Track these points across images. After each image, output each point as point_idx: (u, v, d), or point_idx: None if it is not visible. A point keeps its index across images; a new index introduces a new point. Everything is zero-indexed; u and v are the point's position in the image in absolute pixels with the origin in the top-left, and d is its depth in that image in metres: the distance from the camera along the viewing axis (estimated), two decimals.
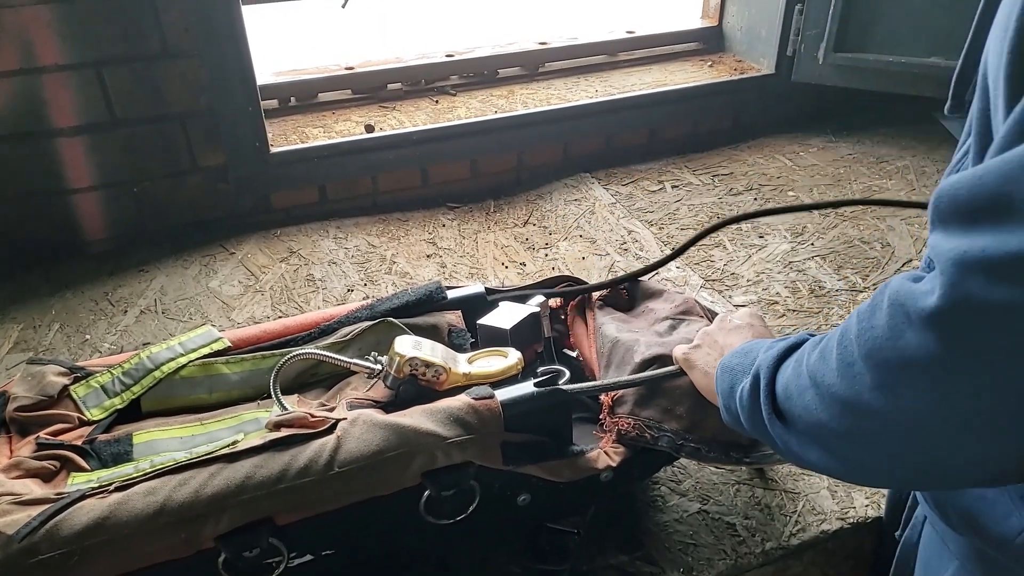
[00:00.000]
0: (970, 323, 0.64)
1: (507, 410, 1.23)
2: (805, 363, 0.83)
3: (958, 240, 0.65)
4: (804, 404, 0.82)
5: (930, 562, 1.08)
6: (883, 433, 0.73)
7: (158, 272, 2.17)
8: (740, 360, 1.00)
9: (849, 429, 0.76)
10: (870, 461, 0.78)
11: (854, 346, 0.74)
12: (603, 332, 1.53)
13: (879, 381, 0.71)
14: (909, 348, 0.68)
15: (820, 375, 0.79)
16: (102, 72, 2.04)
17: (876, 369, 0.71)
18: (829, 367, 0.77)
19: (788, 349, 0.90)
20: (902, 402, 0.70)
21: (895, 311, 0.69)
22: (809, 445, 0.84)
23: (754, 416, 0.92)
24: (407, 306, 1.56)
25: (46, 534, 1.05)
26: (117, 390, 1.40)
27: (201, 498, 1.09)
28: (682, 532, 1.45)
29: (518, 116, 2.56)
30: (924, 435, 0.71)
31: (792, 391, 0.85)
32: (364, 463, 1.15)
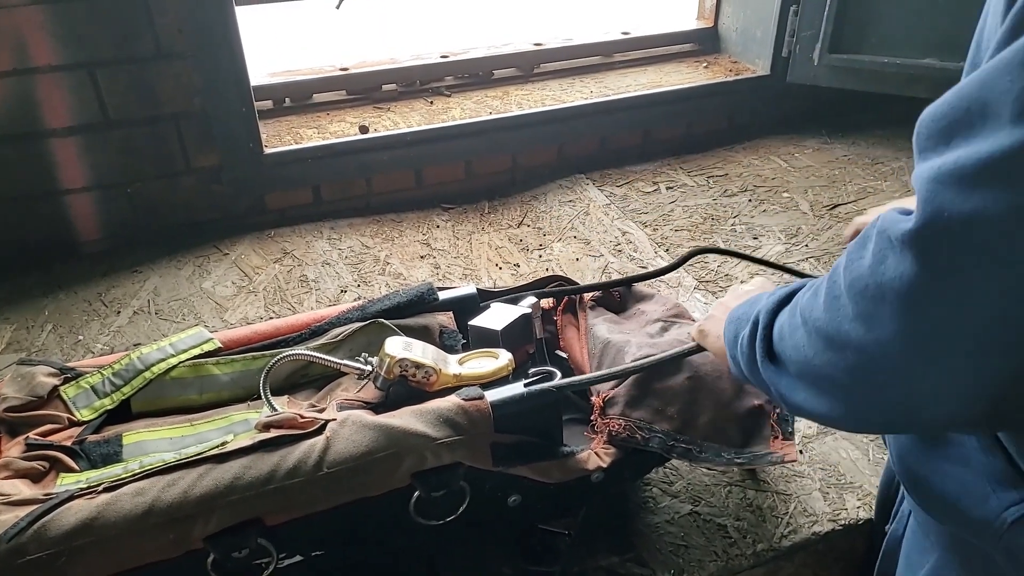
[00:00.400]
0: (944, 240, 0.63)
1: (497, 411, 1.23)
2: (799, 302, 0.83)
3: (933, 159, 0.65)
4: (794, 343, 0.82)
5: (911, 554, 1.09)
6: (860, 367, 0.72)
7: (151, 273, 2.17)
8: (745, 310, 0.98)
9: (831, 363, 0.75)
10: (850, 400, 0.77)
11: (841, 279, 0.74)
12: (594, 333, 1.53)
13: (859, 310, 0.71)
14: (888, 272, 0.67)
15: (809, 312, 0.79)
16: (95, 73, 2.04)
17: (857, 298, 0.71)
18: (818, 303, 0.77)
19: (789, 294, 0.89)
20: (879, 332, 0.69)
21: (880, 239, 0.69)
22: (797, 387, 0.84)
23: (751, 362, 0.92)
24: (398, 307, 1.56)
25: (34, 535, 1.05)
26: (107, 391, 1.40)
27: (190, 499, 1.09)
28: (673, 534, 1.45)
29: (513, 117, 2.56)
30: (899, 367, 0.70)
31: (785, 332, 0.84)
32: (353, 464, 1.15)
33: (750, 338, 0.92)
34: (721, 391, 1.37)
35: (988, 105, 0.61)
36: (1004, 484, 0.83)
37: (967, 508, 0.88)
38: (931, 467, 0.92)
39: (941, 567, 1.00)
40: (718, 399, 1.36)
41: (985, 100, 0.62)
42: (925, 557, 1.03)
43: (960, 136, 0.63)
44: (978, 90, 0.62)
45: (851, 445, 1.62)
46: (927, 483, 0.93)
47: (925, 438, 0.92)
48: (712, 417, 1.34)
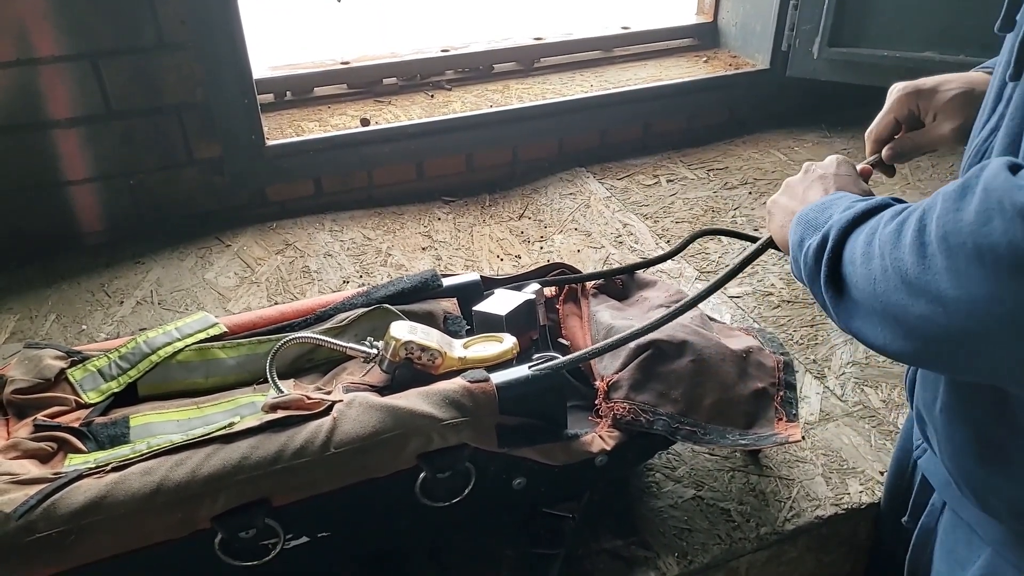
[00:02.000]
0: None
1: (502, 393, 1.24)
2: (879, 232, 0.79)
3: None
4: (866, 273, 0.79)
5: (956, 549, 1.07)
6: (940, 319, 0.71)
7: (154, 264, 2.17)
8: (816, 215, 0.94)
9: (905, 305, 0.74)
10: (918, 343, 0.76)
11: (933, 225, 0.71)
12: (597, 319, 1.54)
13: (951, 264, 0.68)
14: (993, 235, 0.64)
15: (890, 247, 0.76)
16: (98, 64, 2.05)
17: (951, 252, 0.68)
18: (903, 241, 0.74)
19: (866, 212, 0.85)
20: (970, 291, 0.67)
21: (988, 197, 0.66)
22: (858, 313, 0.82)
23: (814, 274, 0.89)
24: (403, 293, 1.56)
25: (44, 513, 1.05)
26: (114, 374, 1.41)
27: (197, 478, 1.10)
28: (677, 517, 1.45)
29: (513, 110, 2.56)
30: (986, 331, 0.68)
31: (858, 257, 0.81)
32: (360, 444, 1.15)
33: (817, 250, 0.88)
34: (725, 374, 1.38)
35: None
36: None
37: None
38: (996, 470, 0.91)
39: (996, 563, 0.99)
40: (722, 382, 1.37)
41: None
42: (974, 553, 1.02)
43: None
44: None
45: (853, 431, 1.63)
46: (991, 486, 0.92)
47: (986, 446, 0.91)
48: (716, 400, 1.35)
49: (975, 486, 0.94)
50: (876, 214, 0.84)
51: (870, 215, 0.85)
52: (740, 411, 1.36)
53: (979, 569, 1.01)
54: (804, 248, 0.91)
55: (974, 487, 0.95)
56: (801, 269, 0.93)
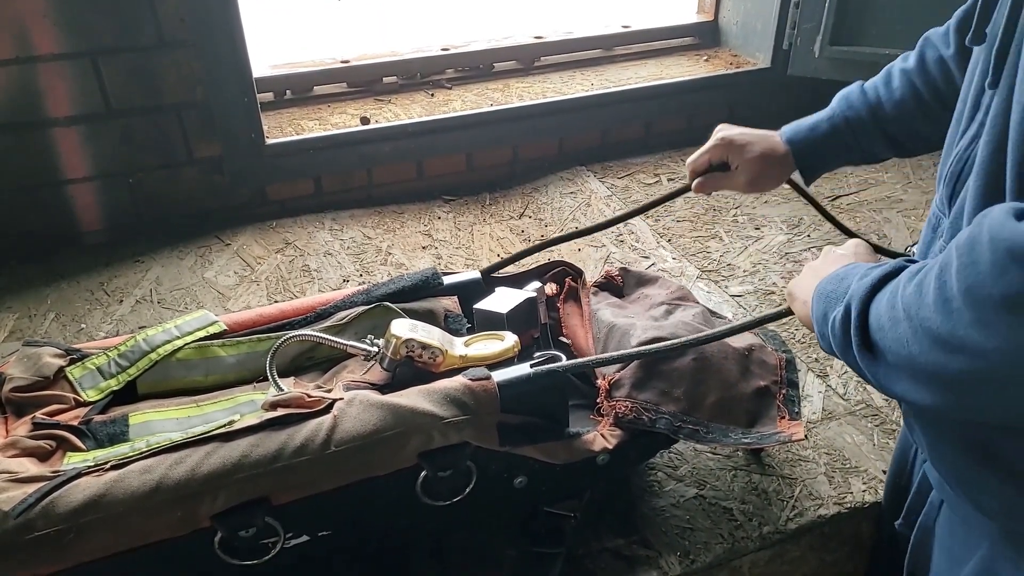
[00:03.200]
0: None
1: (503, 391, 1.23)
2: (900, 295, 0.81)
3: None
4: (896, 336, 0.80)
5: (953, 547, 1.07)
6: (977, 372, 0.72)
7: (153, 263, 2.17)
8: (835, 287, 0.96)
9: (943, 365, 0.75)
10: (962, 397, 0.77)
11: (953, 281, 0.72)
12: (599, 317, 1.53)
13: (978, 317, 0.70)
14: (1014, 286, 0.66)
15: (915, 309, 0.77)
16: (98, 62, 2.04)
17: (976, 305, 0.70)
18: (925, 301, 0.76)
19: (883, 278, 0.87)
20: (1000, 340, 0.68)
21: (997, 248, 0.68)
22: (898, 377, 0.83)
23: (845, 346, 0.90)
24: (403, 291, 1.56)
25: (42, 511, 1.04)
26: (113, 372, 1.40)
27: (197, 476, 1.09)
28: (679, 516, 1.45)
29: (513, 109, 2.56)
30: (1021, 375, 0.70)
31: (885, 323, 0.83)
32: (361, 442, 1.15)
33: (843, 322, 0.90)
34: (727, 372, 1.37)
35: None
36: None
37: None
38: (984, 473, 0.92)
39: (992, 558, 1.00)
40: (724, 380, 1.36)
41: None
42: (971, 550, 1.02)
43: None
44: None
45: (855, 430, 1.62)
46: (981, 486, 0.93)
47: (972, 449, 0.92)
48: (719, 398, 1.34)
49: (966, 487, 0.95)
50: (893, 277, 0.86)
51: (888, 279, 0.86)
52: (742, 409, 1.35)
53: (976, 564, 1.02)
54: (829, 321, 0.93)
55: (965, 488, 0.95)
56: (830, 342, 0.94)
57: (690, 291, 1.59)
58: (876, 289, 0.87)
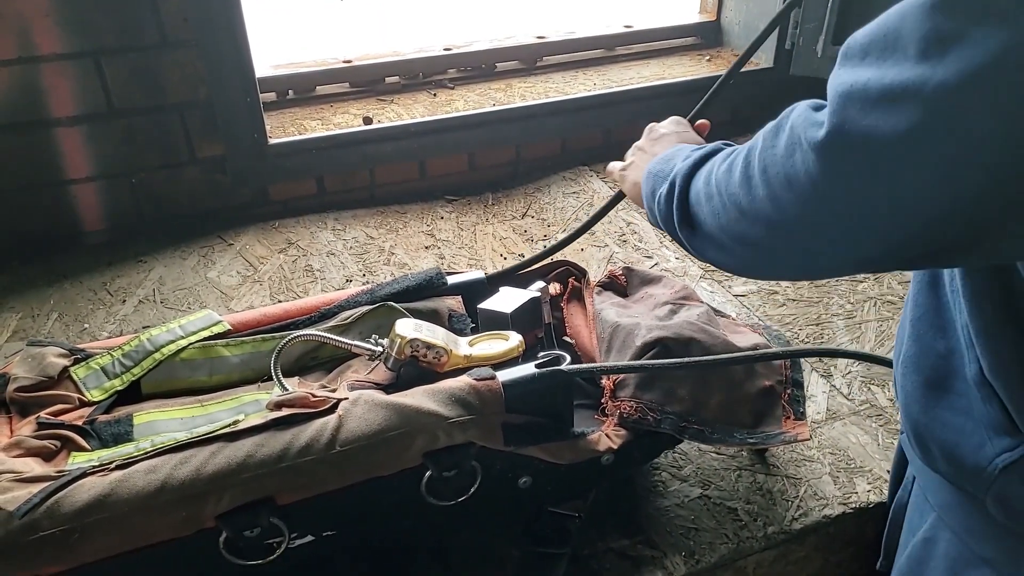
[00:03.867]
0: (844, 150, 0.72)
1: (508, 391, 1.23)
2: (714, 174, 0.93)
3: (847, 74, 0.73)
4: (711, 210, 0.93)
5: (913, 518, 1.11)
6: (769, 237, 0.84)
7: (156, 263, 2.16)
8: (662, 167, 1.10)
9: (745, 233, 0.87)
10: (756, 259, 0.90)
11: (756, 161, 0.83)
12: (603, 317, 1.53)
13: (769, 193, 0.81)
14: (796, 166, 0.77)
15: (725, 185, 0.89)
16: (100, 62, 2.03)
17: (769, 183, 0.81)
18: (733, 178, 0.88)
19: (702, 159, 1.00)
20: (785, 213, 0.80)
21: (792, 135, 0.78)
22: (709, 246, 0.96)
23: (668, 218, 1.03)
24: (407, 291, 1.56)
25: (47, 511, 1.04)
26: (117, 372, 1.40)
27: (202, 476, 1.09)
28: (683, 517, 1.44)
29: (516, 109, 2.55)
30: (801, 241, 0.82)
31: (701, 198, 0.95)
32: (366, 442, 1.15)
33: (667, 197, 1.03)
34: (732, 372, 1.37)
35: (900, 38, 0.68)
36: (999, 432, 0.88)
37: (963, 456, 0.92)
38: (934, 415, 0.95)
39: (936, 527, 1.03)
40: (729, 380, 1.36)
41: (899, 31, 0.68)
42: (924, 519, 1.06)
43: (873, 59, 0.71)
44: (897, 21, 0.69)
45: (860, 430, 1.62)
46: (929, 431, 0.96)
47: (930, 390, 0.96)
48: (723, 398, 1.34)
49: (918, 433, 0.99)
50: (712, 157, 0.98)
51: (707, 159, 0.99)
52: (747, 409, 1.35)
53: (923, 533, 1.06)
54: (656, 197, 1.07)
55: (917, 434, 0.99)
56: (657, 216, 1.08)
57: (694, 290, 1.59)
58: (696, 167, 1.00)
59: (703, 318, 1.45)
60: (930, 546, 1.05)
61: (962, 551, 1.00)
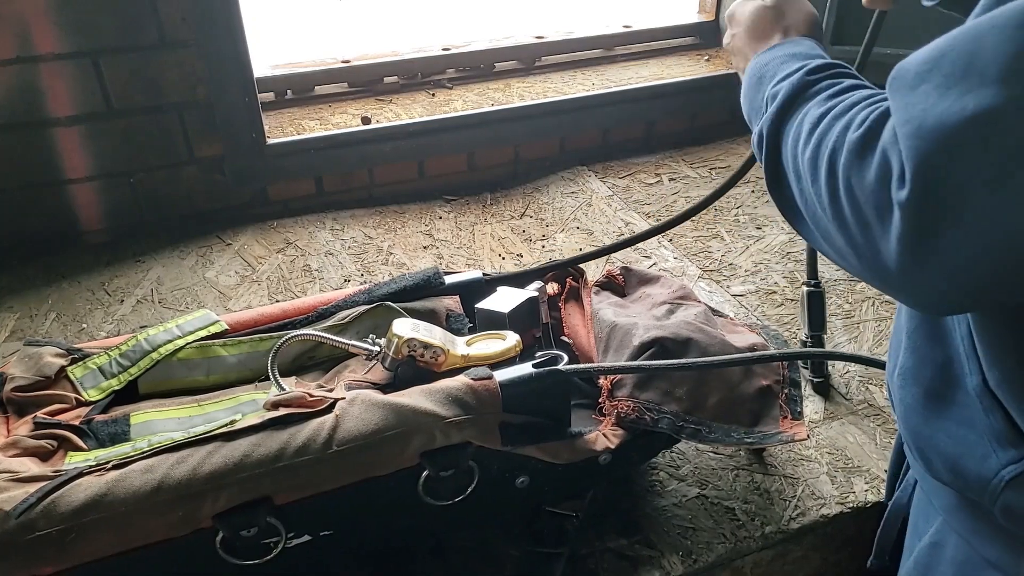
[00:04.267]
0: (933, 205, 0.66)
1: (505, 391, 1.23)
2: (800, 153, 0.85)
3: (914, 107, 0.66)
4: (798, 191, 0.86)
5: (917, 522, 1.09)
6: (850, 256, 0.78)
7: (154, 263, 2.16)
8: (753, 95, 1.02)
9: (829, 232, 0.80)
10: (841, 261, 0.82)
11: (840, 173, 0.76)
12: (600, 317, 1.53)
13: (857, 219, 0.74)
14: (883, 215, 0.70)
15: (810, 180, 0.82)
16: (99, 62, 2.04)
17: (856, 206, 0.74)
18: (820, 176, 0.79)
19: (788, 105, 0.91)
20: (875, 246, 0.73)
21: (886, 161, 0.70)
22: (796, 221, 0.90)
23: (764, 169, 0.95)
24: (405, 291, 1.56)
25: (44, 510, 1.04)
26: (114, 371, 1.40)
27: (199, 476, 1.09)
28: (681, 516, 1.44)
29: (515, 109, 2.55)
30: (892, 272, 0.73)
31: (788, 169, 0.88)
32: (363, 442, 1.15)
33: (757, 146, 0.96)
34: (730, 372, 1.37)
35: (975, 62, 0.62)
36: (1004, 444, 0.86)
37: (967, 467, 0.90)
38: (935, 426, 0.93)
39: (943, 531, 1.02)
40: (727, 380, 1.36)
41: (974, 55, 0.63)
42: (929, 523, 1.04)
43: (945, 87, 0.65)
44: (968, 44, 0.64)
45: (858, 430, 1.62)
46: (931, 443, 0.94)
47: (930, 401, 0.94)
48: (721, 398, 1.34)
49: (920, 445, 0.97)
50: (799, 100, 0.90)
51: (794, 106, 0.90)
52: (745, 409, 1.35)
53: (929, 537, 1.03)
54: (754, 137, 0.98)
55: (919, 446, 0.97)
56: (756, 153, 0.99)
57: (692, 290, 1.59)
58: (783, 121, 0.91)
59: (700, 318, 1.45)
60: (937, 550, 1.03)
61: (969, 555, 0.98)
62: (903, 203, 0.67)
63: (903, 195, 0.67)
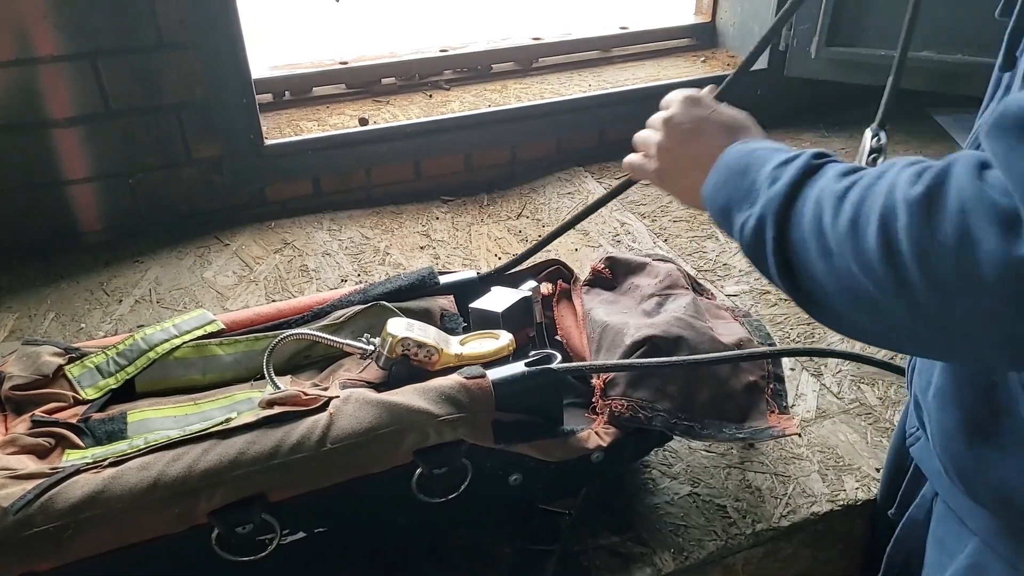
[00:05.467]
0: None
1: (498, 389, 1.24)
2: (830, 225, 0.73)
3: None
4: (826, 269, 0.74)
5: (945, 540, 1.07)
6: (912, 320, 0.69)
7: (153, 263, 2.18)
8: (735, 183, 0.89)
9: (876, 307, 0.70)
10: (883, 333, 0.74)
11: (903, 238, 0.65)
12: (592, 317, 1.54)
13: (935, 283, 0.64)
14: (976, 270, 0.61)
15: (852, 252, 0.70)
16: (98, 63, 2.05)
17: (933, 272, 0.64)
18: (867, 246, 0.69)
19: (797, 184, 0.80)
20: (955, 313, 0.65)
21: (964, 216, 0.62)
22: (820, 307, 0.79)
23: (759, 259, 0.84)
24: (399, 290, 1.57)
25: (41, 507, 1.05)
26: (111, 370, 1.41)
27: (194, 473, 1.10)
28: (673, 514, 1.46)
29: (511, 110, 2.57)
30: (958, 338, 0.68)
31: (811, 250, 0.76)
32: (356, 440, 1.16)
33: (756, 233, 0.83)
34: (719, 369, 1.39)
35: None
36: None
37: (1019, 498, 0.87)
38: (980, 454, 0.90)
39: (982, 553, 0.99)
40: (716, 376, 1.38)
41: None
42: (962, 543, 1.02)
43: None
44: None
45: (849, 428, 1.63)
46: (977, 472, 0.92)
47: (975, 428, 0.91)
48: (711, 395, 1.36)
49: (962, 471, 0.94)
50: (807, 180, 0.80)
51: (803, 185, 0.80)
52: (734, 405, 1.37)
53: (966, 559, 1.01)
54: (737, 225, 0.87)
55: (961, 472, 0.94)
56: (742, 246, 0.88)
57: (678, 271, 1.60)
58: (792, 198, 0.80)
59: (690, 310, 1.46)
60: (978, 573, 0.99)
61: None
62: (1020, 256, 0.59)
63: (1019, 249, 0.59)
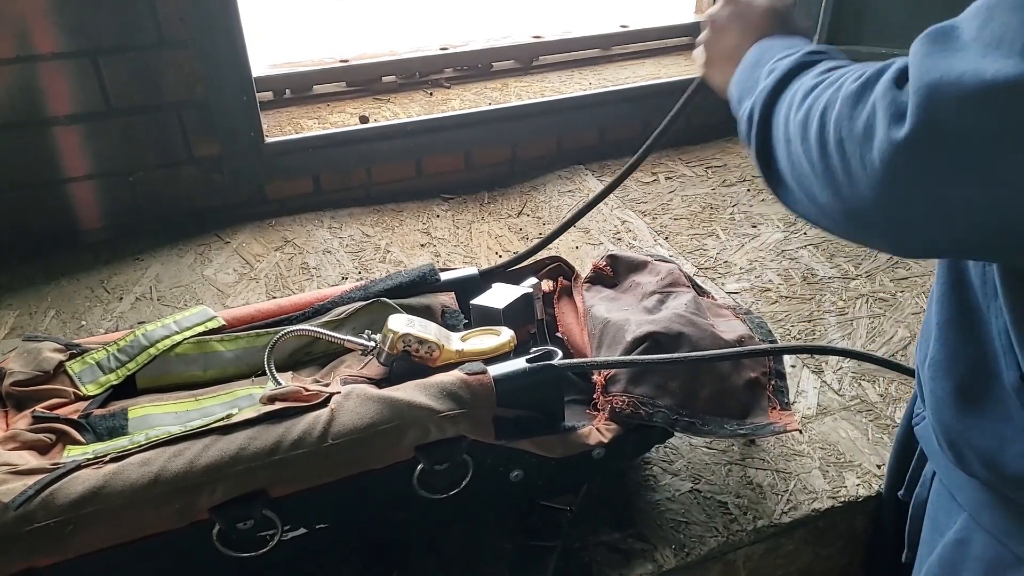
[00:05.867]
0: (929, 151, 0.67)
1: (499, 385, 1.24)
2: (791, 118, 0.85)
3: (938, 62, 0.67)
4: (785, 153, 0.86)
5: (937, 517, 1.08)
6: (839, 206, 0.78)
7: (153, 261, 2.18)
8: (748, 75, 1.03)
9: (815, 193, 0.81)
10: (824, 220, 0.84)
11: (831, 125, 0.77)
12: (593, 314, 1.54)
13: (844, 167, 0.75)
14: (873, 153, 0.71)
15: (799, 136, 0.83)
16: (98, 61, 2.05)
17: (844, 157, 0.75)
18: (809, 133, 0.81)
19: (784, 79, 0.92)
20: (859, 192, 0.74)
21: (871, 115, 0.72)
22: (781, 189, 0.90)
23: (748, 145, 0.96)
24: (401, 287, 1.57)
25: (42, 502, 1.05)
26: (112, 366, 1.41)
27: (195, 469, 1.10)
28: (674, 510, 1.46)
29: (512, 108, 2.57)
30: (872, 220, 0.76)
31: (779, 137, 0.88)
32: (358, 436, 1.16)
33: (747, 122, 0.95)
34: (720, 365, 1.38)
35: (1008, 32, 0.63)
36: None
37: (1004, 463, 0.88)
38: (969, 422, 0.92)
39: (968, 528, 1.00)
40: (718, 373, 1.37)
41: (1008, 26, 0.64)
42: (952, 518, 1.03)
43: (971, 50, 0.66)
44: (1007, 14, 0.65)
45: (850, 425, 1.63)
46: (964, 438, 0.93)
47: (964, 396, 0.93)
48: (713, 391, 1.35)
49: (952, 439, 0.95)
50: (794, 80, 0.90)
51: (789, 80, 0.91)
52: (735, 401, 1.36)
53: (954, 534, 1.02)
54: (745, 113, 0.97)
55: (951, 440, 0.96)
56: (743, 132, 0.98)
57: (679, 270, 1.60)
58: (777, 93, 0.91)
59: (691, 307, 1.46)
60: (963, 547, 1.01)
61: (1000, 552, 0.96)
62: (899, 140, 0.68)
63: (900, 133, 0.68)
